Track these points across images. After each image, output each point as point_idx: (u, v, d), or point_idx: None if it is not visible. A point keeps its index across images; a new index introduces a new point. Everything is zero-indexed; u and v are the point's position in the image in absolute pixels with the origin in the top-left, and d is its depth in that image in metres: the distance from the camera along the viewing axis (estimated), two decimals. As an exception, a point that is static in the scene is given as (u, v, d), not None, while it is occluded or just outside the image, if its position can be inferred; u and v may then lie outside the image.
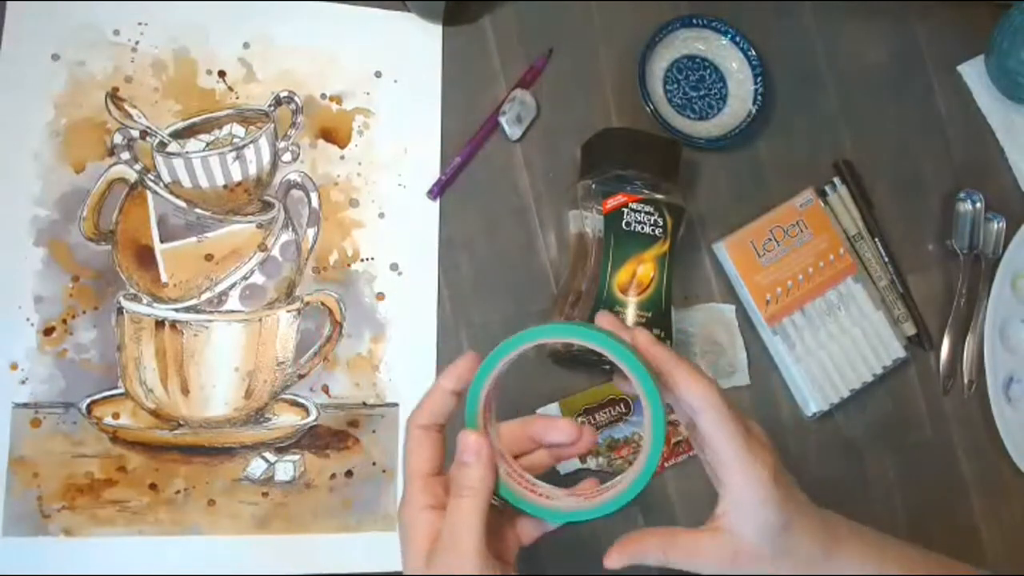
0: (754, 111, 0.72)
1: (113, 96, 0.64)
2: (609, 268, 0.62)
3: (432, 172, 0.68)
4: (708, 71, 0.74)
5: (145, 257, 0.63)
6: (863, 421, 0.73)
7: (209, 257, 0.64)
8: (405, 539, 0.44)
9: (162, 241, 0.63)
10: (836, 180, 0.75)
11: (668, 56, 0.73)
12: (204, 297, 0.63)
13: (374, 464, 0.63)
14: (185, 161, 0.64)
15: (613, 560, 0.46)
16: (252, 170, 0.65)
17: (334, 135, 0.67)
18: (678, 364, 0.45)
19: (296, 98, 0.67)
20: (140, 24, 0.65)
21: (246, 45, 0.66)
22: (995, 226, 0.77)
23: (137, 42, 0.65)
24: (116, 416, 0.61)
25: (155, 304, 0.62)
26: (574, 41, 0.72)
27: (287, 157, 0.66)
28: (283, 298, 0.64)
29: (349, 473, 0.63)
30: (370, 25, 0.69)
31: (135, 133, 0.64)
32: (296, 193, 0.66)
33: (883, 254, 0.74)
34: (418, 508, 0.43)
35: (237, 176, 0.65)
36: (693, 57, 0.74)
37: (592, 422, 0.66)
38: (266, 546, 0.61)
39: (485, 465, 0.43)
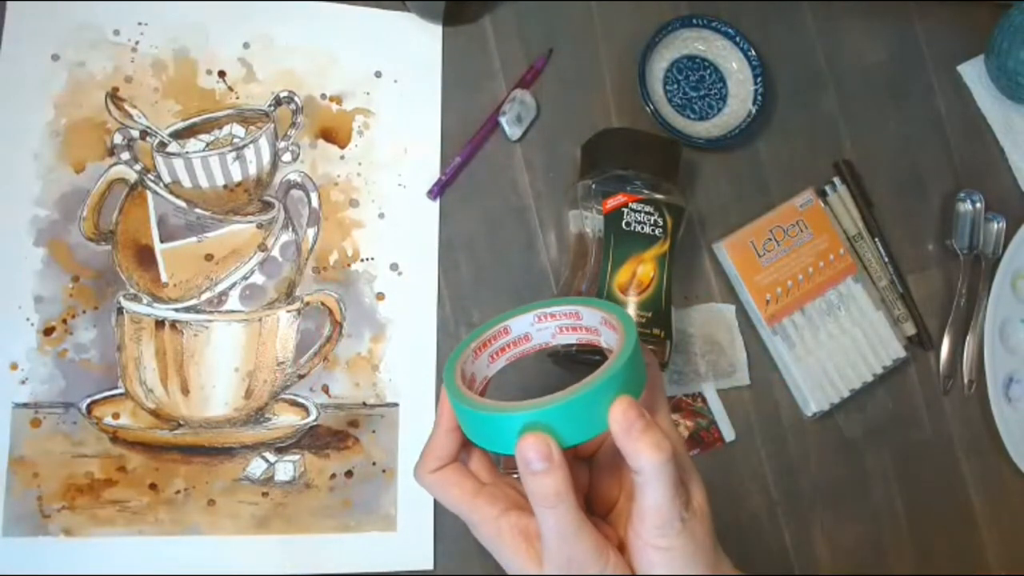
0: (754, 111, 0.72)
1: (113, 96, 0.64)
2: (609, 268, 0.62)
3: (432, 172, 0.68)
4: (708, 71, 0.74)
5: (145, 257, 0.63)
6: (863, 421, 0.73)
7: (209, 257, 0.64)
8: (503, 551, 0.42)
9: (162, 241, 0.63)
10: (836, 180, 0.75)
11: (668, 56, 0.73)
12: (204, 297, 0.63)
13: (374, 464, 0.63)
14: (185, 161, 0.64)
15: None
16: (252, 170, 0.65)
17: (334, 135, 0.67)
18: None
19: (296, 98, 0.67)
20: (140, 24, 0.65)
21: (246, 45, 0.66)
22: (995, 226, 0.77)
23: (137, 42, 0.65)
24: (116, 416, 0.61)
25: (155, 304, 0.62)
26: (574, 41, 0.72)
27: (287, 157, 0.66)
28: (283, 298, 0.64)
29: (349, 473, 0.63)
30: (370, 25, 0.69)
31: (135, 133, 0.64)
32: (296, 193, 0.66)
33: (883, 254, 0.74)
34: (495, 518, 0.42)
35: (237, 176, 0.65)
36: (693, 57, 0.74)
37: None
38: (266, 546, 0.61)
39: (559, 465, 0.39)
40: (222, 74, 0.66)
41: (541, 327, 0.48)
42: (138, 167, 0.64)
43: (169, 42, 0.65)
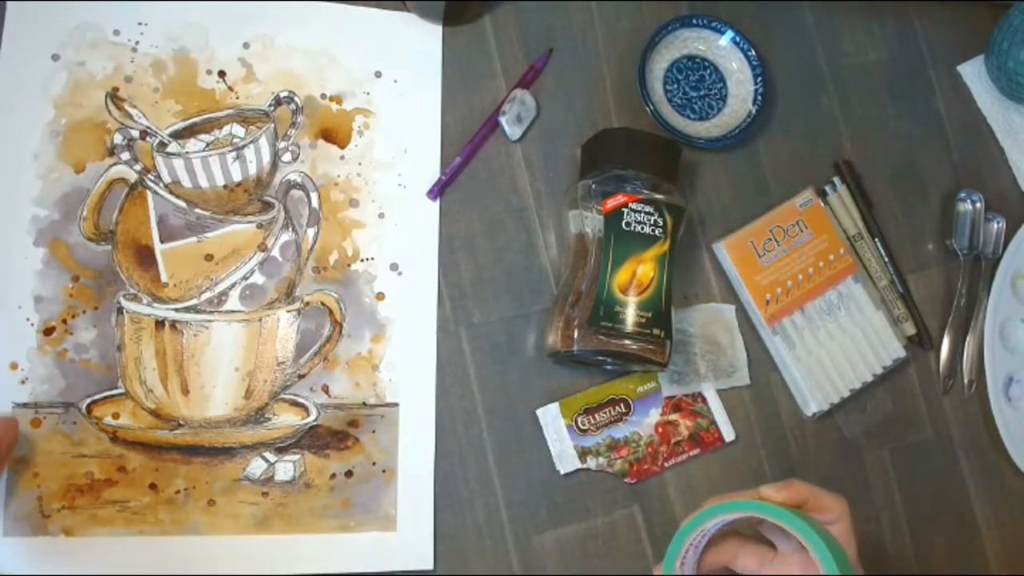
0: (754, 111, 0.72)
1: (113, 96, 0.64)
2: (609, 268, 0.62)
3: (432, 172, 0.68)
4: (708, 71, 0.74)
5: (145, 257, 0.63)
6: (863, 421, 0.73)
7: (209, 257, 0.64)
8: None
9: (162, 241, 0.63)
10: (836, 180, 0.75)
11: (668, 56, 0.73)
12: (204, 297, 0.63)
13: (374, 464, 0.63)
14: (185, 161, 0.64)
15: None
16: (252, 170, 0.65)
17: (334, 135, 0.67)
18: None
19: (296, 98, 0.67)
20: (140, 24, 0.65)
21: (246, 45, 0.66)
22: (995, 226, 0.77)
23: (137, 42, 0.65)
24: (116, 416, 0.61)
25: (155, 304, 0.62)
26: (574, 41, 0.72)
27: (287, 157, 0.66)
28: (283, 298, 0.64)
29: (349, 473, 0.63)
30: (370, 25, 0.69)
31: (135, 133, 0.64)
32: (296, 193, 0.66)
33: (883, 254, 0.74)
34: None
35: (237, 176, 0.65)
36: (693, 57, 0.74)
37: (592, 422, 0.66)
38: (266, 546, 0.61)
39: None
40: (222, 74, 0.66)
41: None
42: (138, 167, 0.64)
43: (169, 42, 0.65)
